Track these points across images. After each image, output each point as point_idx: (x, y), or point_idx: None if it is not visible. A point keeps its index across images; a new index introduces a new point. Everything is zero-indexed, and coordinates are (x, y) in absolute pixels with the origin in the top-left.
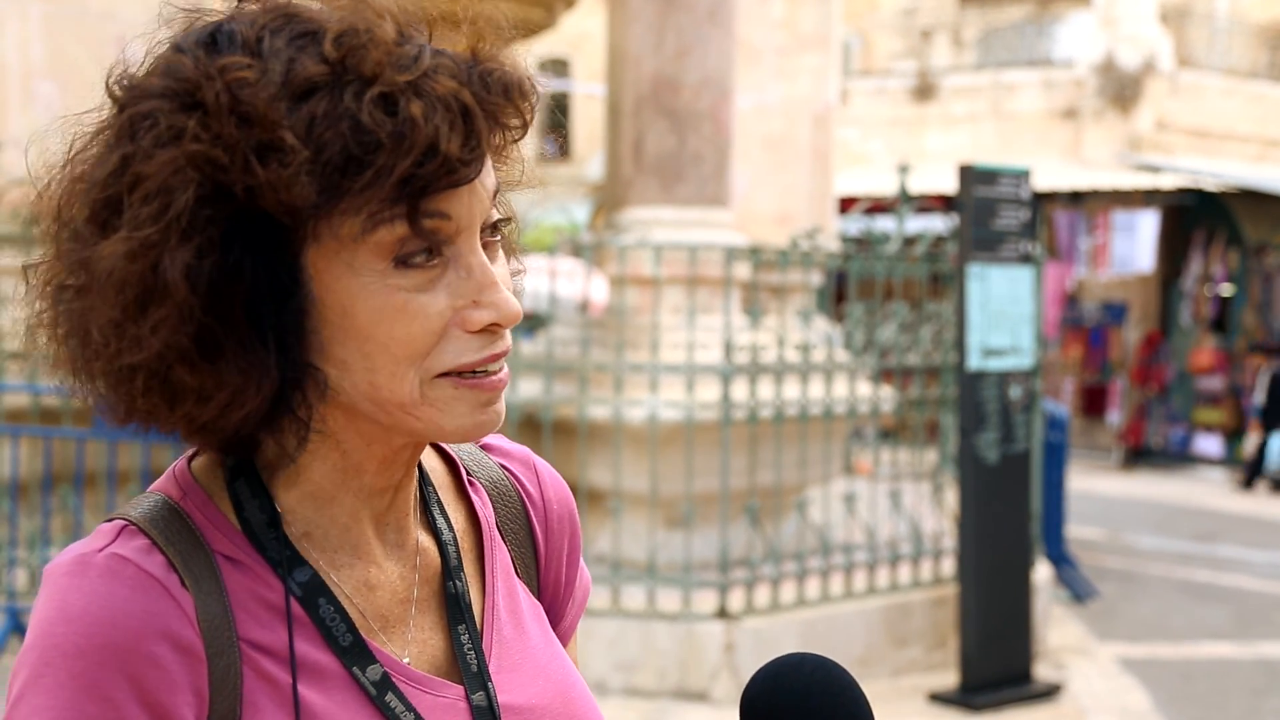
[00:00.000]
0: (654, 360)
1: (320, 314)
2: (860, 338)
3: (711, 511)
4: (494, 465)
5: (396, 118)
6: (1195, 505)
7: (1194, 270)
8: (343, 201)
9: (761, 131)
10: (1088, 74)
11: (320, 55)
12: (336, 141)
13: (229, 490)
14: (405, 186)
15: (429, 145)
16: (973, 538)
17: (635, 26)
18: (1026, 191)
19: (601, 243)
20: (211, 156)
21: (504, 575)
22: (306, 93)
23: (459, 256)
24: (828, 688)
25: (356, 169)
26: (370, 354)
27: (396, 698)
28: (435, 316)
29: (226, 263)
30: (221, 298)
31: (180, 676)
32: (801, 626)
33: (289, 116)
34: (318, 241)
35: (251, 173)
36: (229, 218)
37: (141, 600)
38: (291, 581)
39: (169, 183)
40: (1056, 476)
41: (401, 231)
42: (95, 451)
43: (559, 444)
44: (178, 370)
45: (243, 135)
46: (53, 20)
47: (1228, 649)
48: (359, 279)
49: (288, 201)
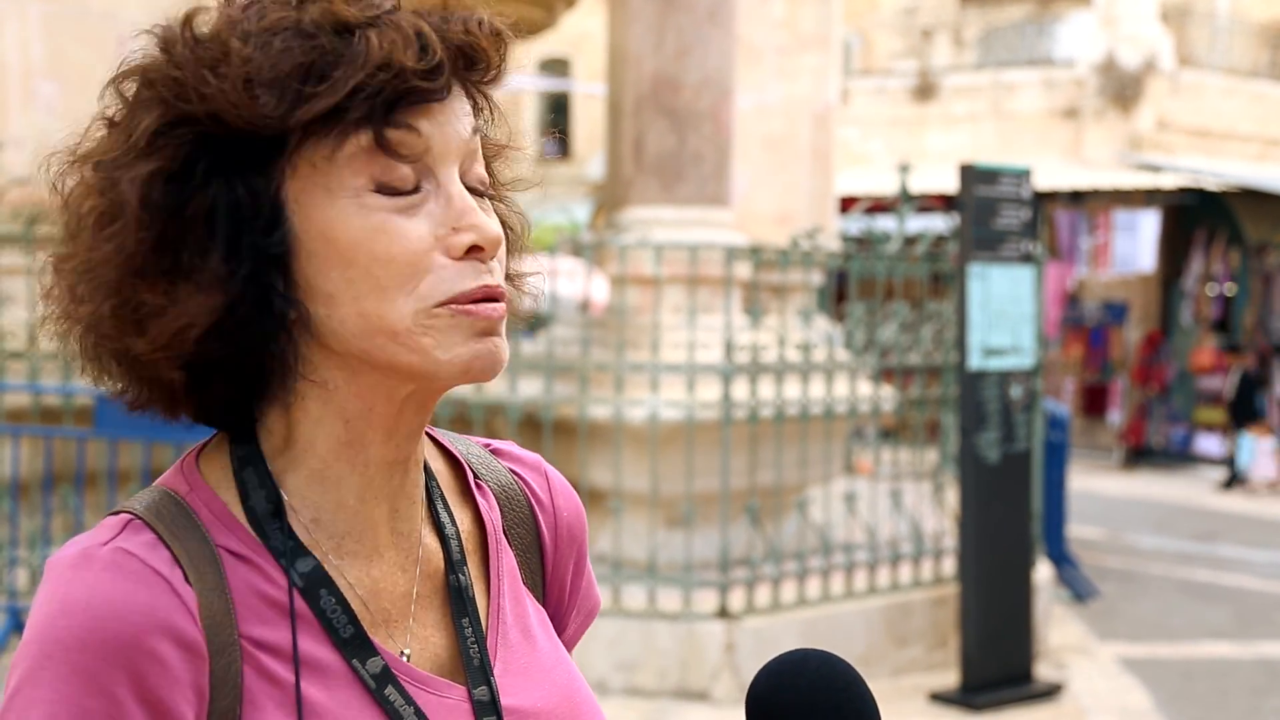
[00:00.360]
0: (655, 360)
1: (302, 246)
2: (861, 337)
3: (712, 511)
4: (503, 470)
5: (353, 38)
6: (1196, 505)
7: (1195, 270)
8: (301, 109)
9: (762, 131)
10: (1088, 73)
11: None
12: (289, 56)
13: (236, 479)
14: (368, 102)
15: (383, 60)
16: (973, 537)
17: (635, 26)
18: (1027, 191)
19: (602, 242)
20: (168, 78)
21: (510, 579)
22: (266, 31)
23: (438, 187)
24: (833, 683)
25: (316, 80)
26: (354, 280)
27: (396, 691)
28: (416, 240)
29: (188, 181)
30: (176, 214)
31: (181, 673)
32: (802, 626)
33: (244, 39)
34: (295, 171)
35: (205, 83)
36: (194, 141)
37: (145, 595)
38: (294, 572)
39: (136, 115)
40: (1057, 476)
41: (368, 143)
42: (96, 451)
43: (559, 444)
44: (141, 290)
45: (196, 53)
46: (53, 20)
47: (1228, 649)
48: (336, 202)
49: (245, 112)
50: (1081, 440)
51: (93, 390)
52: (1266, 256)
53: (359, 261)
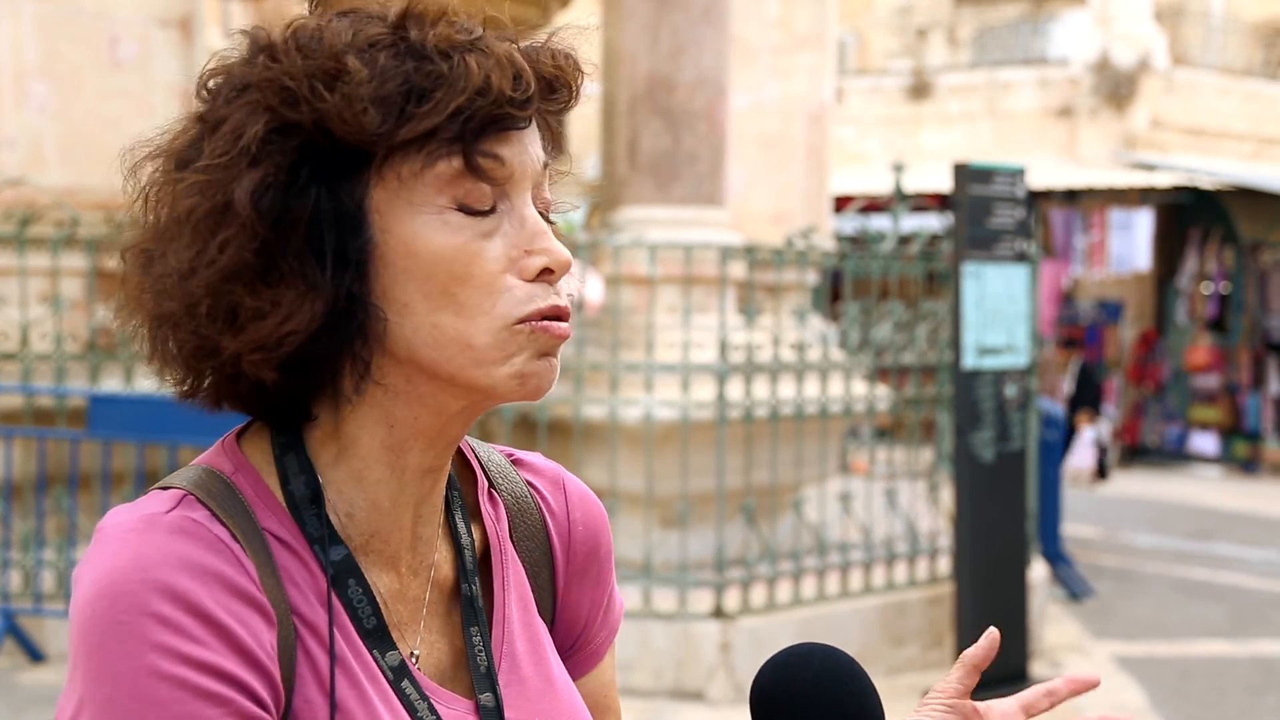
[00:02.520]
0: (649, 360)
1: (383, 252)
2: (856, 336)
3: (707, 511)
4: (520, 481)
5: (453, 61)
6: (1191, 503)
7: (1189, 268)
8: (405, 128)
9: (757, 130)
10: (1083, 72)
11: (383, 23)
12: (398, 76)
13: (277, 465)
14: (460, 120)
15: (483, 84)
16: (969, 536)
17: (630, 25)
18: (1022, 190)
19: (597, 242)
20: (281, 86)
21: (517, 589)
22: (370, 45)
23: (512, 209)
24: (837, 676)
25: (418, 100)
26: (431, 294)
27: (412, 685)
28: (493, 261)
29: (292, 188)
30: (283, 221)
31: (260, 632)
32: (798, 625)
33: (360, 58)
34: (382, 181)
35: (319, 97)
36: (298, 148)
37: (217, 560)
38: (327, 560)
39: (242, 120)
40: (1052, 475)
41: (458, 165)
42: (89, 453)
43: (554, 444)
44: (239, 292)
45: (308, 65)
46: (46, 20)
47: (1224, 647)
48: (420, 217)
49: (354, 126)
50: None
51: (86, 391)
52: (1261, 255)
53: (438, 277)
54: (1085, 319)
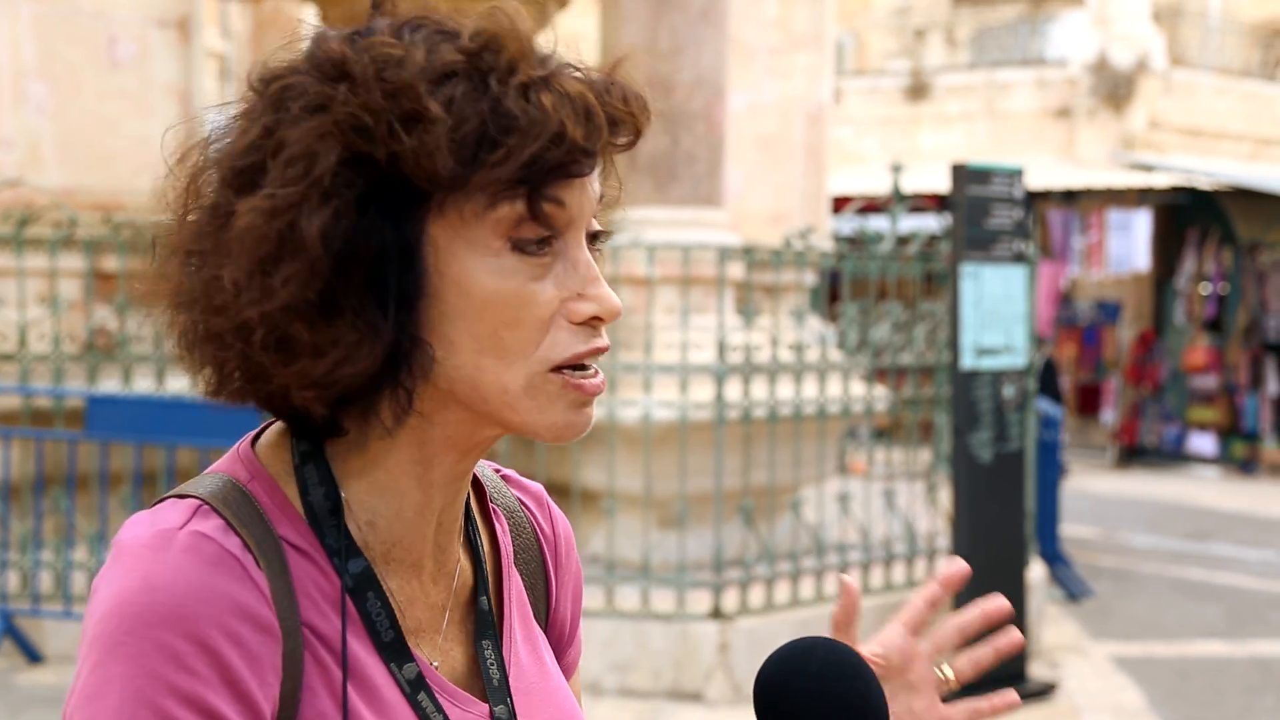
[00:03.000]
0: (648, 360)
1: (436, 289)
2: (854, 337)
3: (705, 511)
4: (511, 497)
5: (529, 103)
6: (1189, 503)
7: (1187, 269)
8: (479, 175)
9: (755, 131)
10: (1081, 73)
11: (458, 47)
12: (475, 118)
13: (297, 474)
14: (530, 168)
15: (557, 132)
16: (967, 537)
17: (629, 26)
18: (1020, 190)
19: None
20: (359, 121)
21: (519, 603)
22: (446, 76)
23: (567, 250)
24: (841, 670)
25: (491, 145)
26: (480, 335)
27: (429, 698)
28: (544, 305)
29: (360, 226)
30: (349, 259)
31: (261, 654)
32: (796, 626)
33: (431, 92)
34: (443, 216)
35: (397, 139)
36: (367, 183)
37: (224, 578)
38: (346, 572)
39: (314, 147)
40: (1050, 475)
41: (520, 210)
42: (87, 454)
43: (552, 446)
44: (297, 325)
45: (389, 104)
46: (44, 20)
47: (1222, 647)
48: (476, 256)
49: (429, 169)
50: (1075, 439)
51: (84, 392)
52: (1259, 256)
53: (488, 319)
54: (1083, 319)
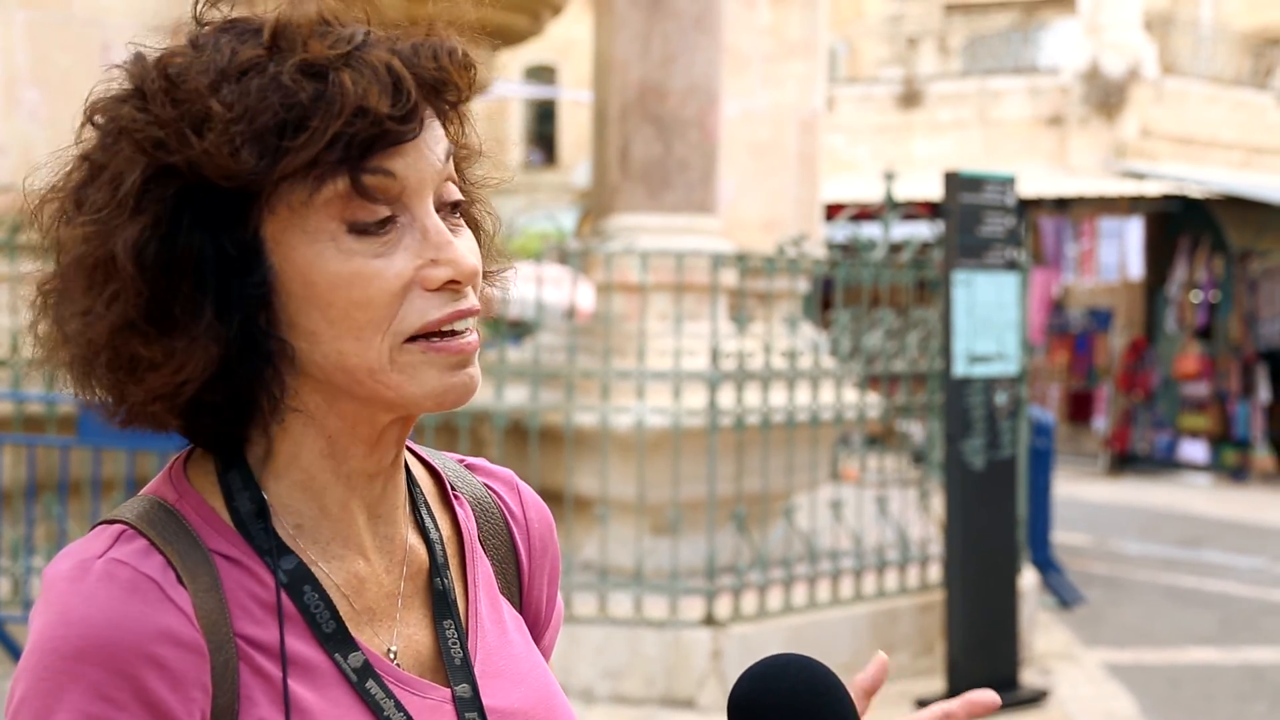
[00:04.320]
0: (641, 367)
1: (283, 285)
2: (847, 344)
3: (698, 518)
4: (478, 484)
5: (325, 83)
6: (1181, 511)
7: (1179, 277)
8: (282, 163)
9: (748, 138)
10: (1073, 81)
11: (258, 43)
12: (268, 110)
13: (220, 482)
14: (344, 148)
15: (358, 106)
16: (959, 544)
17: (622, 33)
18: (1012, 198)
19: (588, 249)
20: (150, 135)
21: (486, 585)
22: (243, 73)
23: (413, 220)
24: (814, 688)
25: (292, 133)
26: (334, 321)
27: (377, 684)
28: (393, 278)
29: (174, 238)
30: (168, 271)
31: (184, 674)
32: (788, 633)
33: (222, 92)
34: (273, 213)
35: (188, 144)
36: (177, 194)
37: (139, 603)
38: (278, 570)
39: (120, 167)
40: (1043, 482)
41: (344, 188)
42: (79, 459)
43: (546, 451)
44: (133, 343)
45: (177, 112)
46: (37, 27)
47: (1213, 654)
48: (314, 245)
49: (228, 169)
50: (1067, 446)
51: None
52: (1250, 263)
53: (337, 304)
54: (1075, 327)
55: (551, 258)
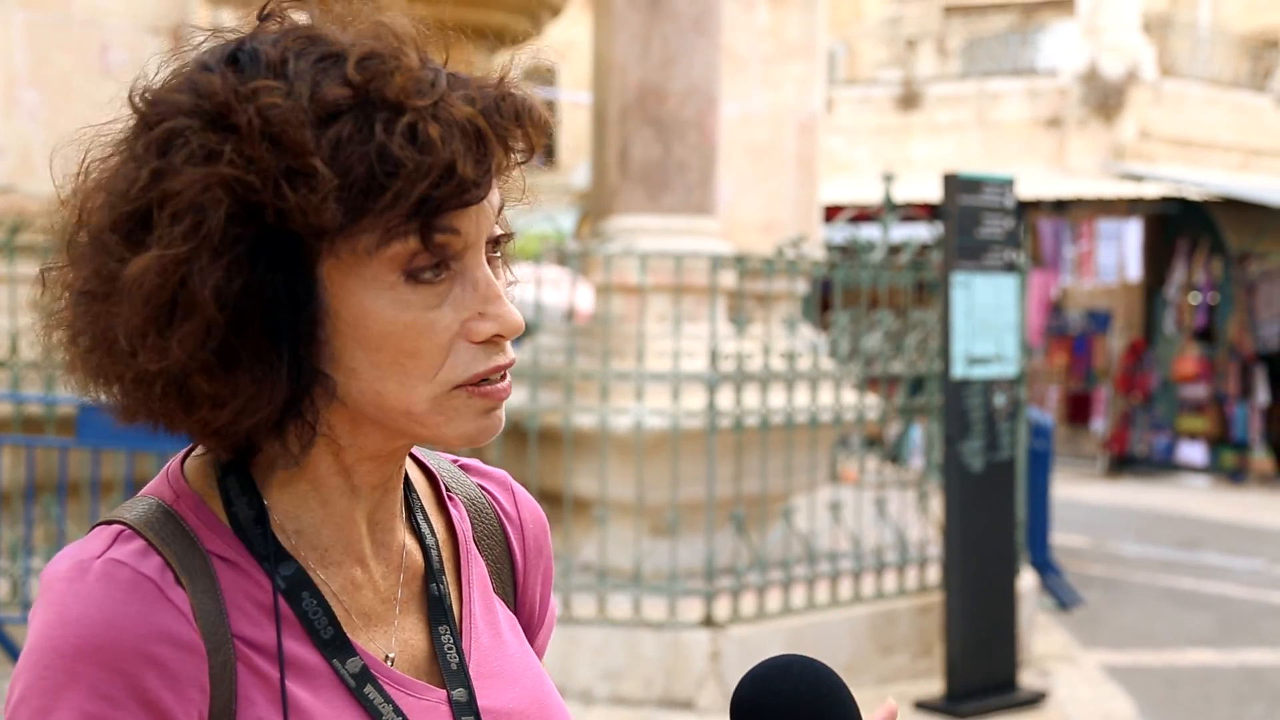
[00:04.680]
0: (640, 368)
1: (333, 324)
2: (845, 346)
3: (697, 520)
4: (472, 485)
5: (416, 143)
6: (1179, 512)
7: (1177, 279)
8: (364, 221)
9: (747, 140)
10: (1071, 83)
11: (344, 78)
12: (361, 166)
13: (219, 486)
14: (421, 206)
15: (446, 168)
16: (958, 545)
17: (621, 35)
18: (1011, 200)
19: (587, 251)
20: (245, 180)
21: (480, 587)
22: (331, 116)
23: (465, 271)
24: (816, 689)
25: (378, 191)
26: (379, 364)
27: (375, 689)
28: (443, 331)
29: (253, 280)
30: (244, 313)
31: (183, 674)
32: (787, 635)
33: (316, 141)
34: (335, 256)
35: (283, 197)
36: (255, 236)
37: (138, 603)
38: (277, 575)
39: (200, 201)
40: (1041, 484)
41: (414, 246)
42: (78, 461)
43: (545, 452)
44: (196, 379)
45: (275, 160)
46: (36, 28)
47: (1211, 656)
48: (370, 292)
49: (316, 224)
50: (1065, 448)
51: (75, 400)
52: (1248, 265)
53: (386, 350)
54: (1074, 329)
55: (550, 259)
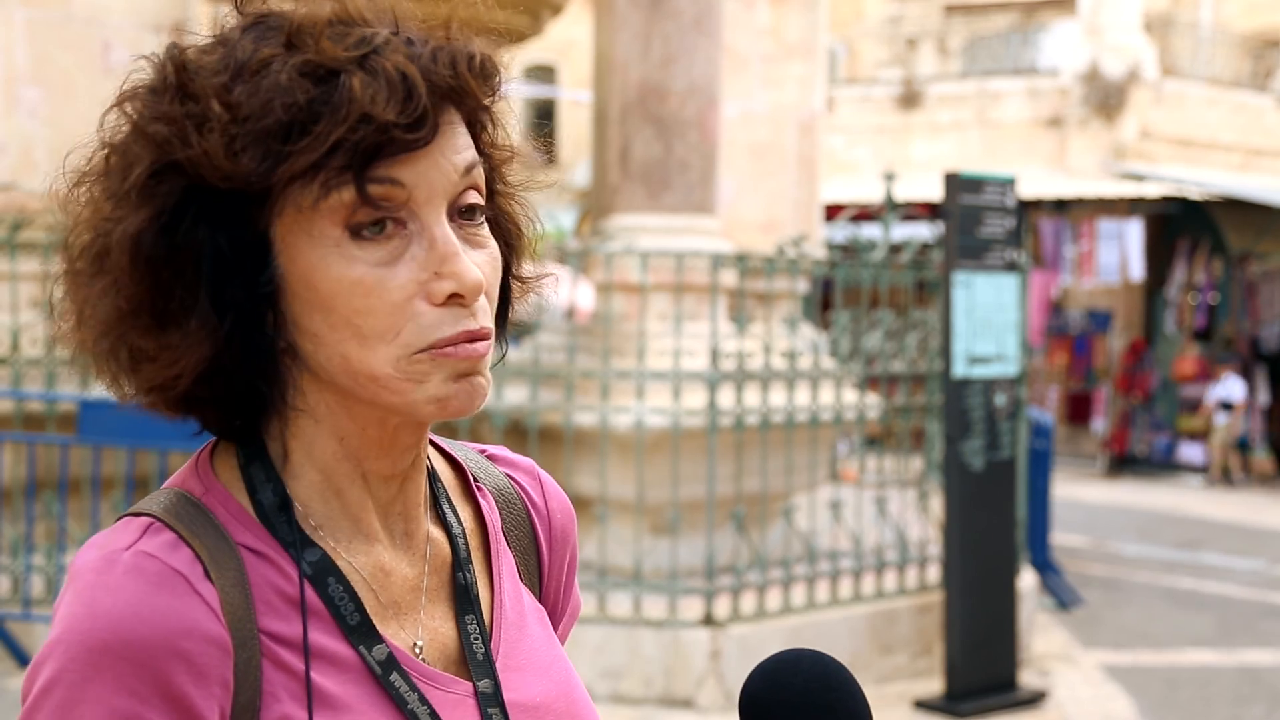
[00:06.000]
0: (640, 367)
1: (288, 287)
2: (846, 345)
3: (698, 518)
4: (500, 474)
5: (335, 88)
6: (1179, 513)
7: (1178, 279)
8: (283, 167)
9: (748, 139)
10: (1073, 82)
11: (278, 42)
12: (271, 112)
13: (243, 475)
14: (348, 154)
15: (363, 112)
16: (958, 545)
17: (622, 34)
18: (1012, 199)
19: (588, 249)
20: (156, 130)
21: (510, 578)
22: (257, 72)
23: (422, 230)
24: (827, 683)
25: (296, 137)
26: (335, 326)
27: (401, 678)
28: (396, 289)
29: (173, 232)
30: (165, 265)
31: (208, 669)
32: (787, 633)
33: (233, 93)
34: (281, 215)
35: (189, 144)
36: (184, 191)
37: (167, 597)
38: (303, 561)
39: (130, 159)
40: (1041, 484)
41: (350, 197)
42: (79, 458)
43: (545, 451)
44: (130, 334)
45: (183, 109)
46: (37, 26)
47: (1211, 656)
48: (317, 249)
49: (226, 170)
50: (1066, 448)
51: (76, 397)
52: (1249, 266)
53: (338, 309)
54: (1074, 328)
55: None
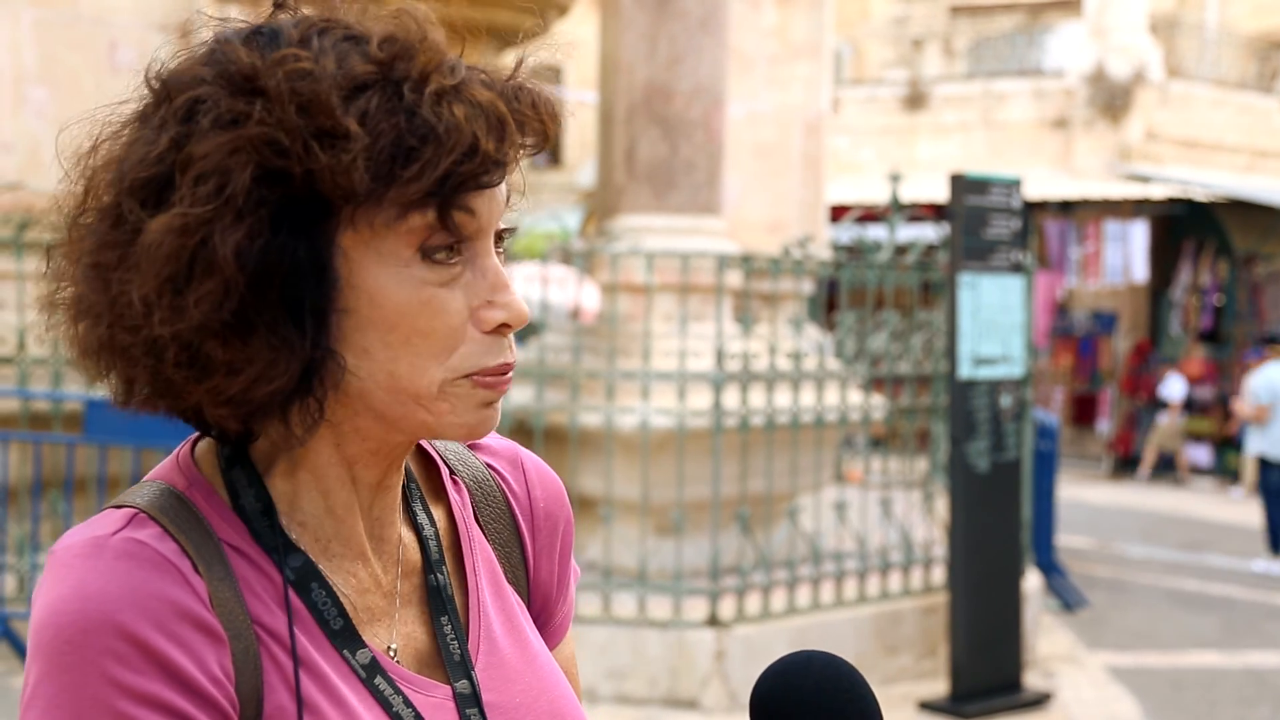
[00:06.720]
0: (646, 367)
1: (348, 299)
2: (851, 346)
3: (702, 519)
4: (479, 464)
5: (443, 115)
6: (1184, 514)
7: (1183, 280)
8: (391, 191)
9: (753, 140)
10: (1078, 84)
11: (367, 56)
12: (391, 133)
13: (224, 478)
14: (445, 181)
15: (471, 144)
16: (963, 546)
17: (628, 34)
18: (1017, 201)
19: (593, 250)
20: (273, 140)
21: (488, 573)
22: (358, 89)
23: (476, 258)
24: (838, 684)
25: (406, 160)
26: (392, 344)
27: (385, 681)
28: (455, 314)
29: (274, 243)
30: (264, 277)
31: (205, 654)
32: (792, 634)
33: (345, 108)
34: (354, 228)
35: (313, 157)
36: (280, 200)
37: (160, 581)
38: (286, 567)
39: (225, 163)
40: (1046, 485)
41: (430, 219)
42: (85, 457)
43: (550, 451)
44: (210, 344)
45: (304, 122)
46: (44, 26)
47: (1216, 658)
48: (387, 268)
49: (345, 186)
50: (1071, 449)
51: (82, 396)
52: (1254, 267)
53: (401, 329)
54: (1080, 330)
55: (556, 258)
